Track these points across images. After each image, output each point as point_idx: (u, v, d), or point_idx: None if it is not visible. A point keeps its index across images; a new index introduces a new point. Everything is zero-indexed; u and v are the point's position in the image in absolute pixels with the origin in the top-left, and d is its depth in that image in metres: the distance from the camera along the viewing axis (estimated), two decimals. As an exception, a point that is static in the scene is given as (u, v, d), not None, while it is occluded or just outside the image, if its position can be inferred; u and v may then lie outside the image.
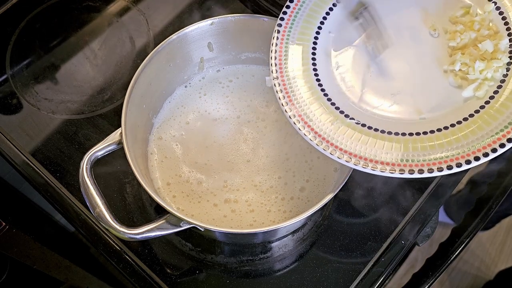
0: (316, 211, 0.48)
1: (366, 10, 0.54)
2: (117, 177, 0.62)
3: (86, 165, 0.49)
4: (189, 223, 0.47)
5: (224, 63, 0.64)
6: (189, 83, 0.64)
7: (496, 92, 0.50)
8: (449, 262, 0.61)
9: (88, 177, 0.48)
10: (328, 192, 0.49)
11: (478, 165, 0.46)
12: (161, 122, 0.61)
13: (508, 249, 1.44)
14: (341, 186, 0.48)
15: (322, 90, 0.53)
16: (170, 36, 0.56)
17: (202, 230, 0.49)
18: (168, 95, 0.62)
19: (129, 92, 0.53)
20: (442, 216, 1.36)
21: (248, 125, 0.61)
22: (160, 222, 0.48)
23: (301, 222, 0.59)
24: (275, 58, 0.54)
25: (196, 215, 0.55)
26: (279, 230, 0.56)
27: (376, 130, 0.50)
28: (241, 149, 0.59)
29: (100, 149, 0.50)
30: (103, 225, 0.47)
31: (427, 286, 0.61)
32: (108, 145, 0.51)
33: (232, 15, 0.58)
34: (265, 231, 0.50)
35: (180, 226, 0.48)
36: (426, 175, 0.46)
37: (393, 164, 0.47)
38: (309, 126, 0.50)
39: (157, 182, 0.57)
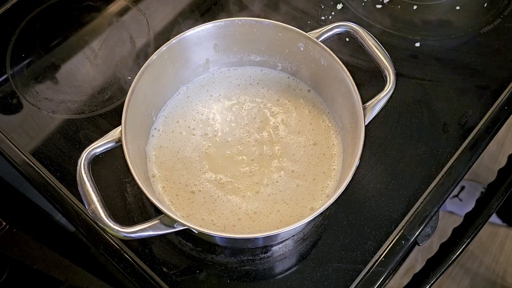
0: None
1: None
2: (117, 177, 0.62)
3: (84, 161, 0.48)
4: (183, 225, 0.47)
5: (230, 64, 0.64)
6: (193, 83, 0.63)
7: None
8: (449, 262, 0.61)
9: (85, 173, 0.47)
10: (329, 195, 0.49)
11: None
12: (163, 121, 0.61)
13: (508, 248, 1.44)
14: (342, 191, 0.48)
15: None
16: (176, 36, 0.56)
17: (196, 232, 0.49)
18: (171, 94, 0.62)
19: (131, 89, 0.52)
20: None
21: (253, 126, 0.61)
22: (154, 222, 0.47)
23: (301, 227, 0.59)
24: None
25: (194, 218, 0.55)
26: (279, 235, 0.56)
27: None
28: (244, 151, 0.59)
29: (99, 145, 0.50)
30: (97, 222, 0.46)
31: (427, 286, 0.61)
32: (107, 142, 0.50)
33: (240, 18, 0.58)
34: (265, 236, 0.49)
35: (174, 228, 0.47)
36: None
37: None
38: None
39: (156, 182, 0.57)
